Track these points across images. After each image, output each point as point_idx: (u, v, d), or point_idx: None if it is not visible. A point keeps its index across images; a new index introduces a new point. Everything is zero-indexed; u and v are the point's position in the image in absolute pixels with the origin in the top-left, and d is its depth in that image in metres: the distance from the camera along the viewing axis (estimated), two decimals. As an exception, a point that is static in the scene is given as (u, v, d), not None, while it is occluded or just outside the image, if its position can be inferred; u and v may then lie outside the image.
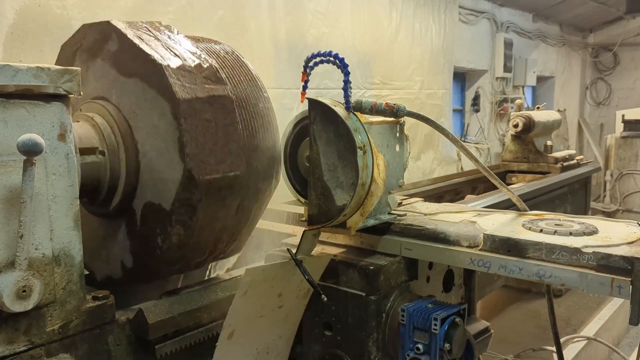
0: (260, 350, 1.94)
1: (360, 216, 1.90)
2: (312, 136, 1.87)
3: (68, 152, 1.61)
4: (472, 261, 1.85)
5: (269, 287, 1.83)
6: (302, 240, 1.88)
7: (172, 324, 1.87)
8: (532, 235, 1.82)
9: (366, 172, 1.80)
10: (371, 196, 1.86)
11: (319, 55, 1.86)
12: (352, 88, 1.89)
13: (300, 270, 1.81)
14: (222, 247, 2.10)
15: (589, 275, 1.63)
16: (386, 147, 2.03)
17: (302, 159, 2.03)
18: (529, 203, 4.09)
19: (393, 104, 1.94)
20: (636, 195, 8.58)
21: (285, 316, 1.97)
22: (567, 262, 1.69)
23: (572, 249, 1.68)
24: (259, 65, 4.10)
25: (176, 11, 3.65)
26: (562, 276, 1.68)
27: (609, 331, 4.68)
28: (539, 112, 5.45)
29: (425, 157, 6.60)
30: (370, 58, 5.55)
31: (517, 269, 1.76)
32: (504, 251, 1.80)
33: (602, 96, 11.59)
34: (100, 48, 1.96)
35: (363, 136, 1.82)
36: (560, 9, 9.14)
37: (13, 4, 2.82)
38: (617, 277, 1.58)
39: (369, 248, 2.09)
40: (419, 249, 1.98)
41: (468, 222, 2.06)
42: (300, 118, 2.04)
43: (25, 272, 1.48)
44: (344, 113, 1.83)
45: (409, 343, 1.85)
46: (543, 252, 1.73)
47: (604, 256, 1.63)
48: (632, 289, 1.56)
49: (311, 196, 1.90)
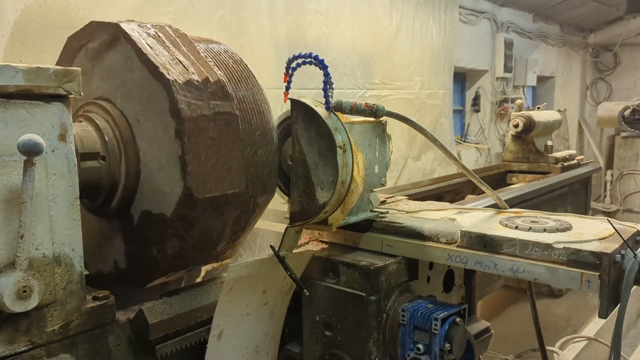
0: (250, 350, 1.96)
1: (341, 213, 1.95)
2: (295, 135, 1.93)
3: (68, 152, 1.61)
4: (449, 257, 1.90)
5: (253, 284, 1.86)
6: (284, 237, 1.93)
7: (172, 324, 1.87)
8: (507, 232, 1.87)
9: (346, 171, 1.84)
10: (351, 194, 1.91)
11: (300, 57, 1.93)
12: (333, 88, 1.94)
13: (283, 266, 1.84)
14: (216, 254, 2.12)
15: (559, 270, 1.68)
16: (368, 147, 2.08)
17: (286, 157, 2.08)
18: (529, 203, 4.11)
19: (372, 104, 1.99)
20: (636, 196, 8.57)
21: (270, 313, 2.00)
22: (539, 258, 1.74)
23: (544, 245, 1.73)
24: (259, 65, 4.12)
25: (176, 11, 3.64)
26: (534, 271, 1.73)
27: (609, 331, 4.65)
28: (540, 112, 5.45)
29: (426, 157, 6.59)
30: (371, 58, 5.55)
31: (492, 264, 1.81)
32: (480, 247, 1.86)
33: (602, 96, 11.58)
34: (108, 50, 1.93)
35: (343, 135, 1.87)
36: (561, 9, 9.14)
37: (14, 3, 2.82)
38: (586, 272, 1.63)
39: (352, 245, 2.14)
40: (399, 246, 2.03)
41: (448, 220, 2.11)
42: (283, 118, 2.09)
43: (25, 273, 1.48)
44: (325, 113, 1.89)
45: (409, 343, 1.85)
46: (517, 248, 1.79)
47: (574, 251, 1.68)
48: (601, 283, 1.60)
49: (294, 194, 1.96)
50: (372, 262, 1.95)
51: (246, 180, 1.97)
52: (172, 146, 1.79)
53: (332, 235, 2.18)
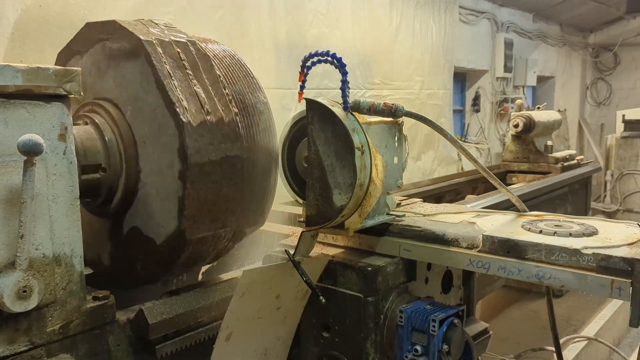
0: (259, 353, 1.94)
1: (359, 217, 1.90)
2: (310, 137, 1.86)
3: (68, 152, 1.61)
4: (471, 262, 1.84)
5: (266, 288, 1.83)
6: (300, 242, 1.87)
7: (172, 324, 1.87)
8: (531, 237, 1.80)
9: (364, 173, 1.79)
10: (369, 197, 1.86)
11: (316, 55, 1.85)
12: (350, 88, 1.87)
13: (298, 271, 1.80)
14: (197, 269, 2.20)
15: (588, 277, 1.62)
16: (384, 148, 2.02)
17: (300, 159, 2.03)
18: (529, 203, 4.10)
19: (391, 104, 1.92)
20: (636, 196, 8.57)
21: (283, 318, 1.97)
22: (567, 264, 1.67)
23: (572, 250, 1.67)
24: (260, 65, 4.12)
25: (176, 11, 3.65)
26: (562, 277, 1.67)
27: (609, 331, 4.68)
28: (540, 112, 5.45)
29: (426, 157, 6.59)
30: (371, 58, 5.55)
31: (517, 270, 1.75)
32: (503, 252, 1.79)
33: (602, 96, 11.58)
34: (126, 59, 1.89)
35: (361, 136, 1.81)
36: (561, 9, 9.13)
37: (14, 4, 2.82)
38: (617, 279, 1.57)
39: (367, 249, 2.09)
40: (417, 250, 1.97)
41: (467, 223, 2.05)
42: (298, 118, 2.03)
43: (25, 273, 1.48)
44: (342, 113, 1.82)
45: (407, 344, 1.84)
46: (542, 253, 1.72)
47: (604, 257, 1.61)
48: (632, 290, 1.54)
49: (309, 197, 1.89)
50: (370, 263, 1.94)
51: (239, 217, 2.00)
52: (173, 184, 1.80)
53: (346, 239, 2.13)
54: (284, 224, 2.59)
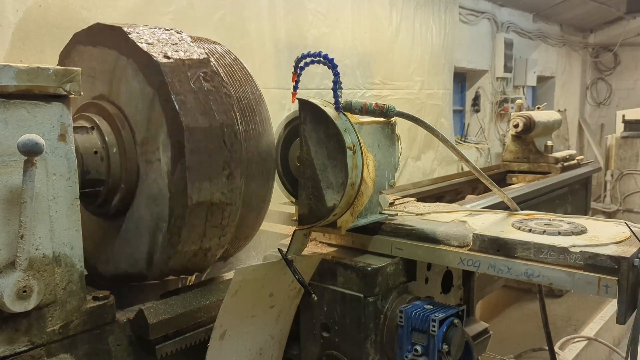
0: (253, 352, 1.94)
1: (351, 216, 1.92)
2: (303, 136, 1.89)
3: (68, 152, 1.61)
4: (461, 261, 1.87)
5: (259, 286, 1.84)
6: (292, 240, 1.89)
7: (172, 324, 1.87)
8: (521, 235, 1.84)
9: (356, 172, 1.82)
10: (361, 196, 1.88)
11: (309, 56, 1.88)
12: (342, 88, 1.89)
13: (290, 270, 1.82)
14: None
15: (576, 275, 1.65)
16: (377, 147, 2.05)
17: (293, 159, 2.06)
18: (529, 203, 4.11)
19: (383, 104, 1.95)
20: (636, 196, 8.57)
21: (277, 316, 1.98)
22: (555, 262, 1.71)
23: (560, 249, 1.70)
24: (260, 65, 4.12)
25: (176, 11, 3.64)
26: (550, 275, 1.70)
27: (609, 331, 4.68)
28: (540, 112, 5.45)
29: (426, 157, 6.59)
30: (371, 58, 5.55)
31: (506, 268, 1.78)
32: (493, 251, 1.82)
33: (602, 96, 11.58)
34: (142, 78, 1.85)
35: (353, 136, 1.84)
36: (561, 9, 9.13)
37: (14, 4, 2.82)
38: (604, 277, 1.60)
39: (360, 248, 2.11)
40: (409, 249, 2.00)
41: (458, 222, 2.08)
42: (291, 118, 2.07)
43: (25, 273, 1.48)
44: (334, 113, 1.85)
45: (407, 344, 1.85)
46: (531, 251, 1.75)
47: (592, 256, 1.64)
48: (619, 288, 1.58)
49: (302, 196, 1.92)
50: (370, 263, 1.94)
51: (227, 252, 2.08)
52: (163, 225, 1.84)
53: (339, 237, 2.15)
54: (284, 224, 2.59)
